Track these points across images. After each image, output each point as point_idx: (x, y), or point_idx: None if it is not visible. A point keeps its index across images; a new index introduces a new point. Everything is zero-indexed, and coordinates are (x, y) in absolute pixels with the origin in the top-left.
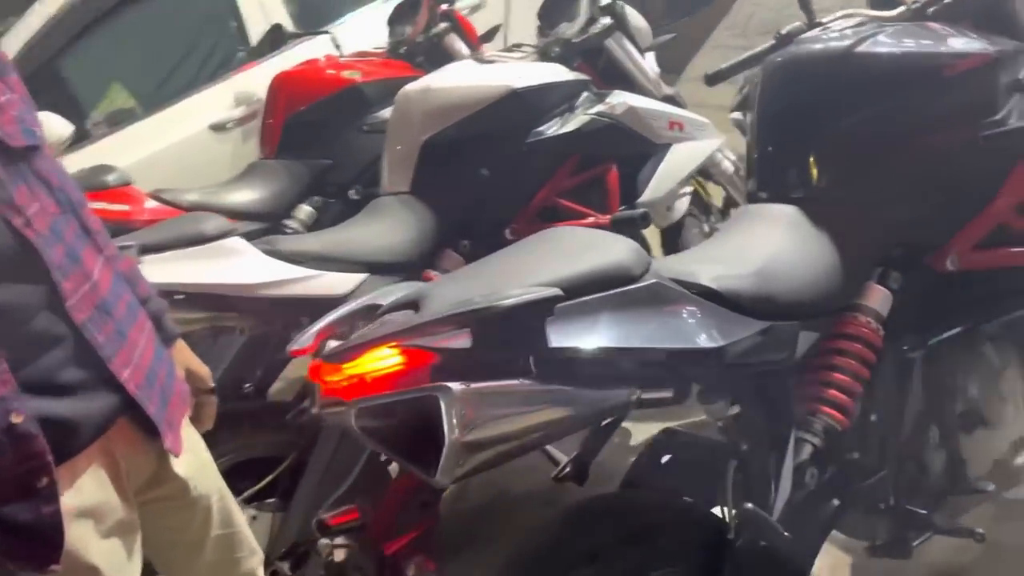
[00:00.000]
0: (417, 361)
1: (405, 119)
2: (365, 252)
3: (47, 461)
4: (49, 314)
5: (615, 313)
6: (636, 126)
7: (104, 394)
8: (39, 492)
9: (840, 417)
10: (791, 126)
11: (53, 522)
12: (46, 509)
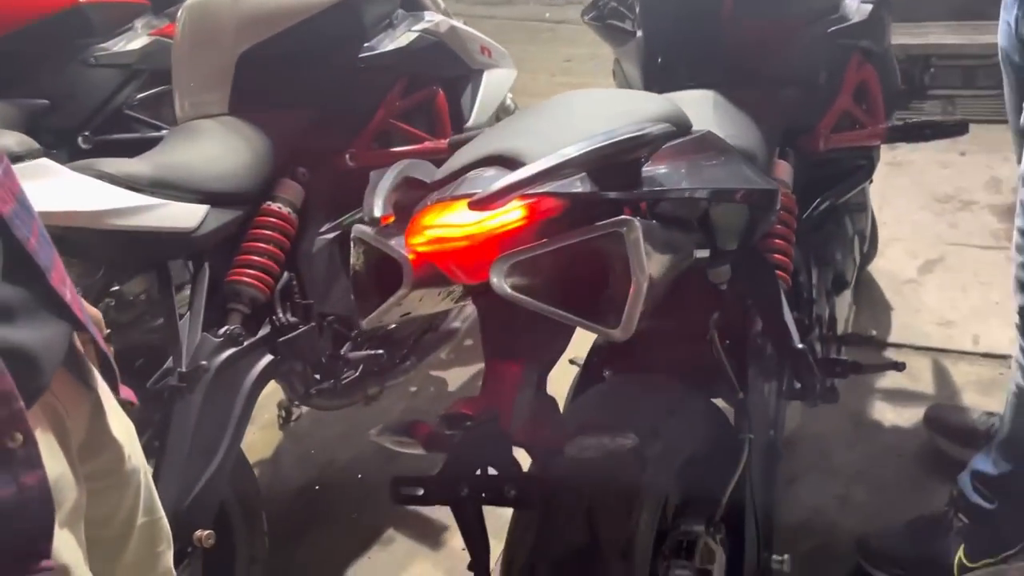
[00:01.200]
0: (539, 213)
1: (212, 30)
2: (202, 180)
3: (18, 408)
4: None
5: (696, 159)
6: (457, 48)
7: (49, 319)
8: (12, 454)
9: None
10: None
11: (41, 496)
12: (28, 478)
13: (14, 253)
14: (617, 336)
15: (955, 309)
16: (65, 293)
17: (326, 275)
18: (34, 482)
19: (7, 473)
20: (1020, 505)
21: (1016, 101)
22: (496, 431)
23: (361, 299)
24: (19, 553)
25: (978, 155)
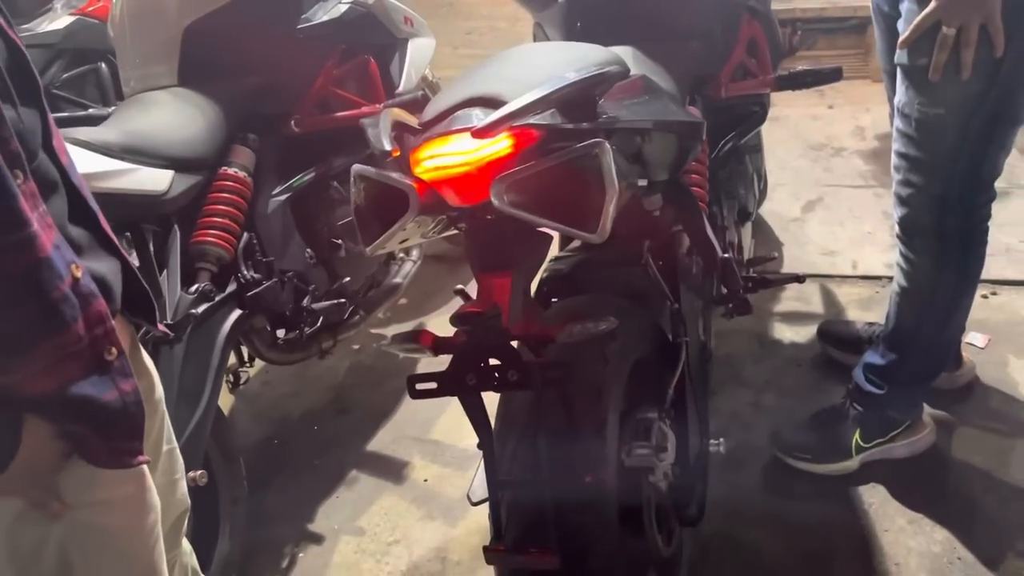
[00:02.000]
0: (523, 142)
1: (155, 6)
2: (167, 147)
3: (110, 327)
4: (44, 155)
5: (637, 97)
6: (383, 18)
7: (108, 256)
8: (110, 366)
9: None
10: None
11: (136, 400)
12: (126, 385)
13: (74, 199)
14: (595, 239)
15: (836, 241)
16: (110, 233)
17: (282, 233)
18: (130, 388)
19: (109, 381)
20: (903, 387)
21: (885, 46)
22: (497, 327)
23: (364, 229)
24: (120, 446)
25: (844, 107)
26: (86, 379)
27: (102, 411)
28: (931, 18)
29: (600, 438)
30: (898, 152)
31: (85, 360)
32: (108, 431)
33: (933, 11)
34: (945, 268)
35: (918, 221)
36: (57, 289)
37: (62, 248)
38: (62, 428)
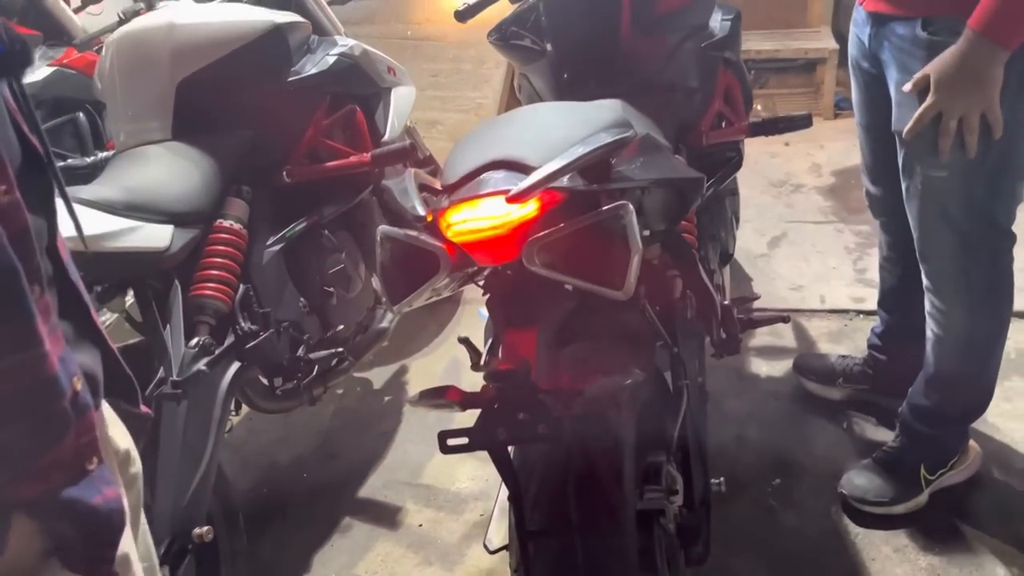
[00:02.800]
0: (549, 203)
1: (147, 60)
2: (166, 202)
3: (95, 437)
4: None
5: (644, 155)
6: (369, 68)
7: (94, 348)
8: (90, 474)
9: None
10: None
11: (117, 507)
12: (108, 490)
13: (67, 294)
14: (621, 296)
15: (802, 276)
16: (100, 325)
17: (277, 283)
18: (113, 495)
19: (93, 488)
20: (955, 424)
21: (862, 99)
22: (526, 382)
23: (390, 288)
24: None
25: (799, 144)
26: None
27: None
28: (932, 111)
29: (619, 484)
30: (915, 214)
31: (69, 469)
32: (88, 536)
33: (933, 104)
34: (978, 315)
35: (945, 278)
36: (59, 404)
37: (67, 361)
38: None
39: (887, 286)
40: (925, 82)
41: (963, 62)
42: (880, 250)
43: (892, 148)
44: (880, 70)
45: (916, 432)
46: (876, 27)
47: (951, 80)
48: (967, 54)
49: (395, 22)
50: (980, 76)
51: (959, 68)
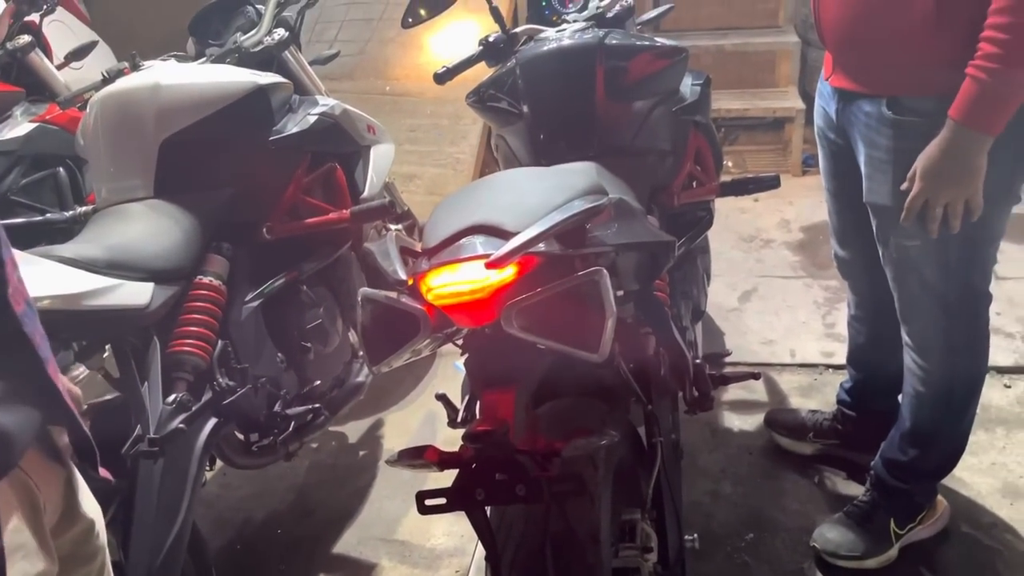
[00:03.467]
0: (526, 267)
1: (131, 119)
2: (146, 260)
3: None
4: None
5: (618, 219)
6: (349, 127)
7: (32, 406)
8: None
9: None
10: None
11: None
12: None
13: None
14: (596, 359)
15: (773, 330)
16: (59, 382)
17: (255, 339)
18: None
19: None
20: (928, 479)
21: (828, 167)
22: (504, 442)
23: (370, 349)
24: None
25: (768, 201)
26: None
27: None
28: (920, 199)
29: (596, 544)
30: (893, 278)
31: None
32: None
33: (921, 192)
34: (959, 373)
35: (927, 338)
36: None
37: None
38: None
39: (856, 344)
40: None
41: (947, 152)
42: (849, 308)
43: (860, 214)
44: (847, 142)
45: (888, 486)
46: (842, 103)
47: (937, 171)
48: (951, 144)
49: (375, 78)
50: (965, 165)
51: (944, 159)
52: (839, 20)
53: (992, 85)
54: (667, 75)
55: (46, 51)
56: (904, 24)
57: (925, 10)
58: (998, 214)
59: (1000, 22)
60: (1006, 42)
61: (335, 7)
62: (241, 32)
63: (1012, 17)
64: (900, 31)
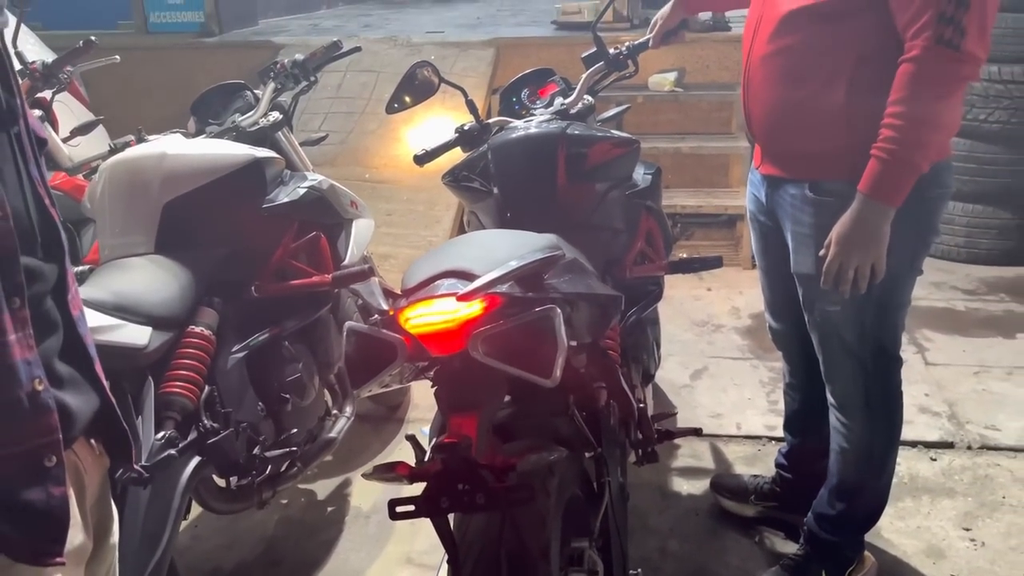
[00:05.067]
0: (491, 306)
1: (138, 184)
2: (146, 307)
3: (57, 439)
4: (53, 300)
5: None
6: (334, 201)
7: (90, 393)
8: (48, 472)
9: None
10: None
11: (61, 505)
12: (55, 490)
13: (73, 344)
14: (548, 383)
15: (721, 405)
16: (103, 379)
17: (239, 387)
18: (59, 494)
19: (41, 483)
20: (855, 531)
21: (760, 246)
22: (468, 456)
23: (353, 375)
24: (40, 546)
25: (721, 290)
26: (17, 478)
27: (27, 508)
28: (835, 263)
29: (546, 561)
30: (818, 342)
31: (22, 463)
32: (29, 529)
33: (835, 257)
34: (876, 429)
35: (848, 396)
36: (13, 392)
37: (32, 365)
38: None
39: (791, 410)
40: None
41: (857, 221)
42: (784, 377)
43: (789, 287)
44: (776, 222)
45: (820, 540)
46: (771, 188)
47: (848, 237)
48: (860, 214)
49: (355, 165)
50: (871, 233)
51: (854, 227)
52: (766, 116)
53: (892, 163)
54: (622, 162)
55: (53, 126)
56: (821, 120)
57: (837, 108)
58: (904, 284)
59: (897, 111)
60: (901, 127)
61: (320, 100)
62: (239, 113)
63: (905, 107)
64: (818, 125)
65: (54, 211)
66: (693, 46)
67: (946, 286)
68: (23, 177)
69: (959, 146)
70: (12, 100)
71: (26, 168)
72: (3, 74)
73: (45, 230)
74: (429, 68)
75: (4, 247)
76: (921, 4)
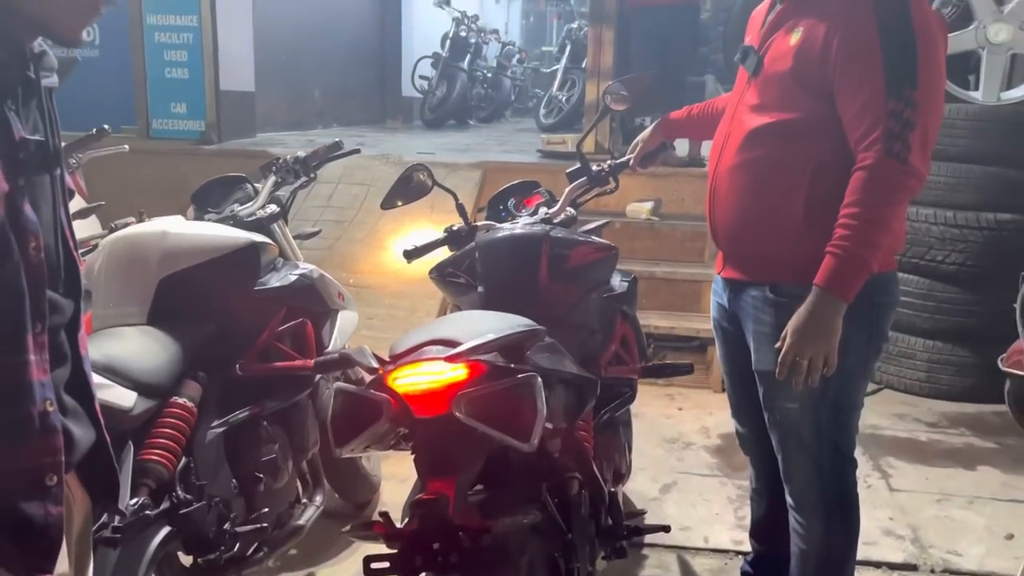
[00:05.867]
0: (475, 372)
1: (137, 258)
2: (134, 373)
3: (60, 460)
4: (66, 334)
5: (550, 349)
6: (323, 291)
7: (88, 427)
8: (49, 490)
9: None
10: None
11: (57, 524)
12: (53, 509)
13: (78, 380)
14: (526, 448)
15: (689, 519)
16: (100, 417)
17: (215, 462)
18: (56, 513)
19: (41, 500)
20: None
21: (725, 352)
22: (443, 515)
23: (337, 435)
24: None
25: (691, 411)
26: (20, 493)
27: (26, 523)
28: (790, 354)
29: None
30: (777, 441)
31: (26, 478)
32: (26, 543)
33: (790, 348)
34: (833, 529)
35: (805, 496)
36: (26, 409)
37: (46, 387)
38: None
39: (756, 516)
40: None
41: (812, 314)
42: (750, 482)
43: (752, 391)
44: (738, 327)
45: None
46: (733, 292)
47: (803, 329)
48: (814, 307)
49: (340, 270)
50: (825, 325)
51: (809, 319)
52: (730, 222)
53: (845, 259)
54: (600, 266)
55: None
56: (781, 226)
57: (796, 216)
58: (857, 386)
59: (850, 212)
60: (855, 227)
61: (312, 208)
62: (238, 203)
63: (858, 209)
64: (778, 231)
65: (76, 254)
66: (670, 179)
67: (909, 418)
68: (56, 217)
69: (919, 284)
70: (58, 146)
71: (58, 210)
72: (52, 126)
73: (68, 268)
74: (424, 172)
75: (34, 276)
76: (872, 122)
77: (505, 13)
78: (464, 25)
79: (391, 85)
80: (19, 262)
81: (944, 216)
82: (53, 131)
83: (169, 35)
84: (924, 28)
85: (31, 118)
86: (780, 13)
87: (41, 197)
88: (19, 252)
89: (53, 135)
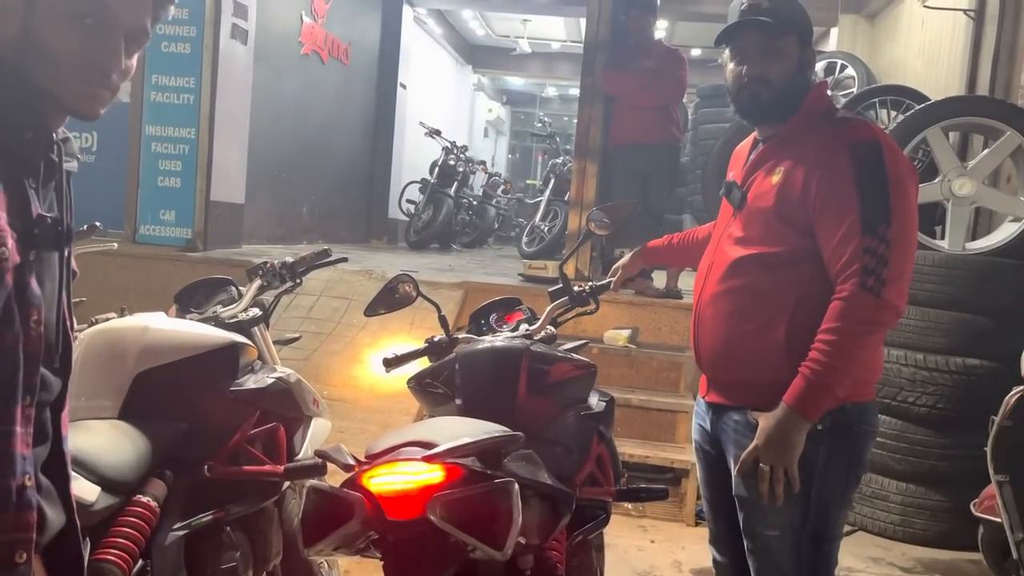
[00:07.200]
0: (451, 476)
1: (115, 351)
2: (101, 467)
3: (31, 536)
4: (50, 412)
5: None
6: (298, 396)
7: (60, 510)
8: (17, 567)
9: None
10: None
11: None
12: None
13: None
14: (499, 556)
15: None
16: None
17: (173, 566)
18: None
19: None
20: None
21: (706, 477)
22: None
23: (307, 534)
24: None
25: (664, 543)
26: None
27: None
28: (752, 455)
29: None
30: (755, 571)
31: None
32: None
33: (753, 449)
34: None
35: None
36: (6, 481)
37: (27, 461)
38: None
39: None
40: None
41: (777, 425)
42: None
43: (732, 518)
44: (720, 451)
45: None
46: (715, 415)
47: (767, 436)
48: (779, 420)
49: (315, 382)
50: (788, 438)
51: (774, 429)
52: (714, 348)
53: (813, 381)
54: (579, 383)
55: None
56: (763, 353)
57: (778, 343)
58: (836, 515)
59: (824, 338)
60: (826, 352)
61: (292, 319)
62: (221, 305)
63: (831, 336)
64: (760, 358)
65: (72, 334)
66: (647, 309)
67: (884, 562)
68: (59, 296)
69: (891, 425)
70: (71, 226)
71: (62, 289)
72: (67, 207)
73: (63, 347)
74: (410, 283)
75: (32, 348)
76: (849, 258)
77: (493, 147)
78: (453, 154)
79: (378, 206)
80: (19, 333)
81: (915, 358)
82: (67, 212)
83: (166, 145)
84: (896, 171)
85: (48, 197)
86: (761, 153)
87: (48, 274)
88: (20, 324)
89: (67, 216)
